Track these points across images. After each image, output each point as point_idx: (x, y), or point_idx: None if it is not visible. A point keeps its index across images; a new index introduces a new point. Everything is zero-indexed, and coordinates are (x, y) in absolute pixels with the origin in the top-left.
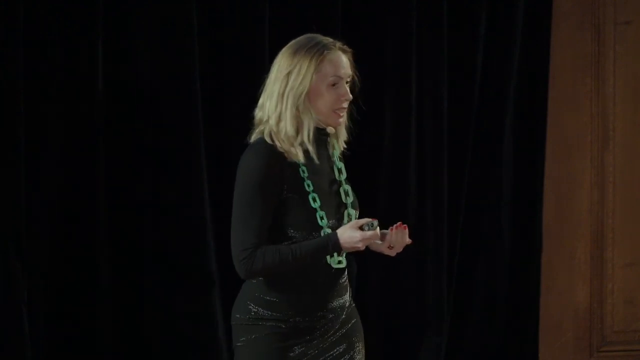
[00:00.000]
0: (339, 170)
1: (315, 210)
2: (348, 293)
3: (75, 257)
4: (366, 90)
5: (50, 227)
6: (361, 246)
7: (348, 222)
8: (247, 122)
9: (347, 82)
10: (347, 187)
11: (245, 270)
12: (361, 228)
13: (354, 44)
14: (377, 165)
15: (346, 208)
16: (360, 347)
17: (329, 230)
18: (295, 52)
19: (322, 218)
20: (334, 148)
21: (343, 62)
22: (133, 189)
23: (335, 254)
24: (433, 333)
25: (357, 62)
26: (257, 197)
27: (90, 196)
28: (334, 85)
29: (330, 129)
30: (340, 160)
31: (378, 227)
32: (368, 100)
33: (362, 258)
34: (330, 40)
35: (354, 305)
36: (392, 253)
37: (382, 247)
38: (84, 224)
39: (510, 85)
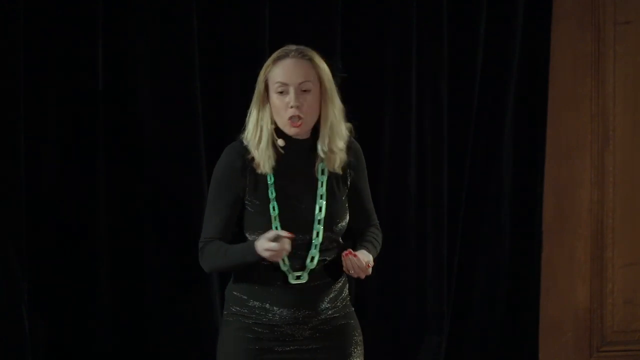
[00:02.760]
0: (321, 184)
1: (272, 218)
2: (328, 301)
3: (75, 257)
4: (366, 90)
5: (50, 227)
6: (267, 256)
7: (316, 237)
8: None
9: (305, 91)
10: (322, 202)
11: (200, 263)
12: (276, 239)
13: (354, 43)
14: (377, 166)
15: (318, 223)
16: (356, 355)
17: None
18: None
19: (276, 228)
20: (321, 160)
21: (291, 68)
22: (133, 189)
23: (289, 271)
24: (433, 333)
25: (357, 62)
26: (217, 194)
27: (90, 196)
28: (281, 93)
29: (280, 142)
30: (323, 174)
31: (287, 242)
32: (368, 101)
33: None
34: (299, 48)
35: (348, 311)
36: (356, 276)
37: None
38: (84, 223)
39: (510, 85)
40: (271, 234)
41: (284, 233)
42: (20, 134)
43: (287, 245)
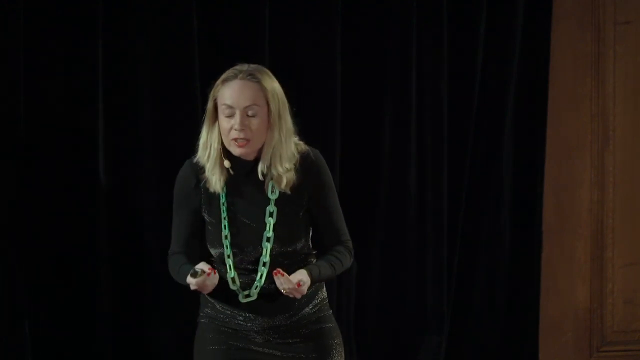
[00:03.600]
0: (271, 202)
1: (223, 237)
2: (297, 307)
3: (75, 257)
4: (366, 90)
5: (50, 227)
6: (194, 289)
7: (264, 254)
8: None
9: (251, 115)
10: (271, 220)
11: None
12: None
13: (354, 43)
14: (377, 166)
15: (267, 241)
16: (333, 357)
17: (230, 261)
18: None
19: (226, 247)
20: (271, 178)
21: (238, 91)
22: (133, 189)
23: (239, 290)
24: (433, 333)
25: (357, 62)
26: (176, 210)
27: (90, 196)
28: (228, 115)
29: (226, 163)
30: (274, 192)
31: (203, 276)
32: (368, 101)
33: (363, 258)
34: (249, 69)
35: (323, 315)
36: (292, 296)
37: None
38: (84, 223)
39: (510, 85)
40: (192, 270)
41: (205, 267)
42: (20, 133)
43: (208, 281)
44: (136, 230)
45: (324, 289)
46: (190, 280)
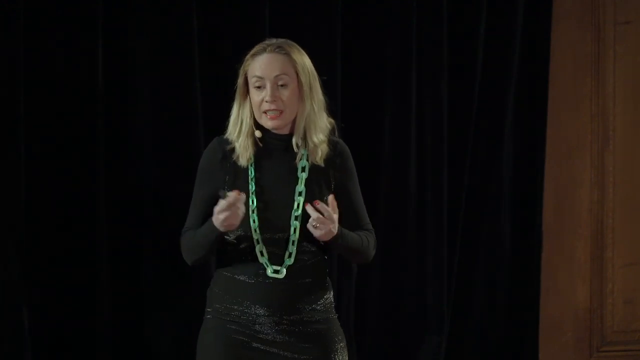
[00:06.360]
0: (300, 181)
1: (250, 212)
2: (306, 303)
3: (75, 257)
4: (366, 90)
5: (50, 227)
6: (222, 218)
7: (293, 233)
8: None
9: (281, 85)
10: (300, 199)
11: (182, 252)
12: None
13: (354, 43)
14: (377, 165)
15: (295, 219)
16: None
17: (258, 235)
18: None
19: (254, 221)
20: (301, 157)
21: (267, 63)
22: (133, 189)
23: (267, 264)
24: (433, 333)
25: (357, 62)
26: (197, 186)
27: (90, 196)
28: (259, 87)
29: (257, 133)
30: (304, 171)
31: (229, 196)
32: (368, 101)
33: None
34: (277, 42)
35: (329, 317)
36: (320, 229)
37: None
38: (84, 224)
39: (510, 85)
40: (222, 202)
41: (232, 193)
42: (20, 134)
43: (239, 203)
44: (136, 230)
45: (332, 292)
46: (221, 205)
